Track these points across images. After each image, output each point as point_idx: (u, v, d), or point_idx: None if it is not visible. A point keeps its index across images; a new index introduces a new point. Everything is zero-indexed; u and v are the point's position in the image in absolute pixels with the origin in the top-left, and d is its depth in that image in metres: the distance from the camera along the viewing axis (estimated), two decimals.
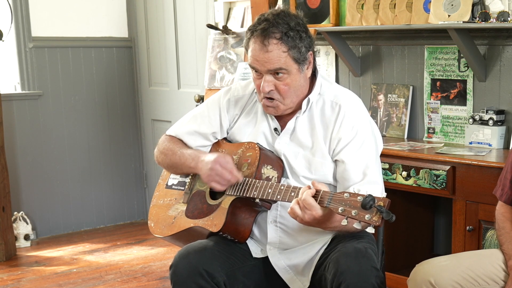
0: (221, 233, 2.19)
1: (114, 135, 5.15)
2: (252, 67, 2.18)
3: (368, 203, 1.80)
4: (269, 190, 2.09)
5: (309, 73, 2.22)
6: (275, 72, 2.14)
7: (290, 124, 2.24)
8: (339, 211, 1.88)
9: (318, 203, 1.93)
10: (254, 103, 2.33)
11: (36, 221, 4.82)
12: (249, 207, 2.20)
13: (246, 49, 2.21)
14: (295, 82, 2.17)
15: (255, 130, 2.29)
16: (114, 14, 5.08)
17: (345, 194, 1.89)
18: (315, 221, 1.96)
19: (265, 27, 2.12)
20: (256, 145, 2.22)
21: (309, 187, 1.98)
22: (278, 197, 2.07)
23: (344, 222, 1.87)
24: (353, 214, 1.85)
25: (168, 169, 2.41)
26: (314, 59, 2.24)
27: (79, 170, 5.00)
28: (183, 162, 2.29)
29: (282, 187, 2.07)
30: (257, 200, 2.13)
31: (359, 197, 1.85)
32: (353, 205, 1.86)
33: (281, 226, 2.22)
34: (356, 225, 1.86)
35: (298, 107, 2.24)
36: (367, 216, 1.82)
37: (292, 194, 2.03)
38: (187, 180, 2.39)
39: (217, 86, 4.08)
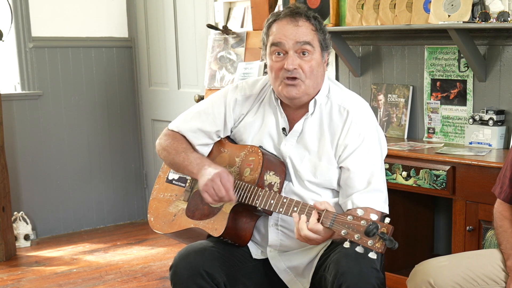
0: (221, 237, 2.18)
1: (114, 135, 5.15)
2: (277, 44, 2.13)
3: (371, 230, 1.79)
4: (272, 201, 2.07)
5: (325, 69, 2.21)
6: (301, 52, 2.12)
7: (298, 126, 2.21)
8: (342, 233, 1.87)
9: (321, 223, 1.92)
10: (261, 102, 2.29)
11: (36, 221, 4.82)
12: (250, 212, 2.19)
13: (267, 36, 2.17)
14: (317, 67, 2.15)
15: (261, 130, 2.26)
16: (114, 14, 5.08)
17: (349, 217, 1.87)
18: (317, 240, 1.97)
19: (296, 10, 2.15)
20: (259, 150, 2.19)
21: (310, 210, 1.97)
22: (281, 210, 2.05)
23: (346, 244, 1.86)
24: (355, 238, 1.84)
25: (169, 166, 2.38)
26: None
27: (79, 170, 5.00)
28: (186, 165, 2.25)
29: (285, 200, 2.05)
30: (259, 208, 2.12)
31: (362, 221, 1.84)
32: (356, 229, 1.85)
33: (282, 229, 2.21)
34: (358, 249, 1.84)
35: (306, 109, 2.21)
36: (369, 242, 1.82)
37: (295, 209, 2.01)
38: (188, 177, 2.37)
39: (217, 86, 4.08)
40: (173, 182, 2.41)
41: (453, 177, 2.94)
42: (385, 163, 3.10)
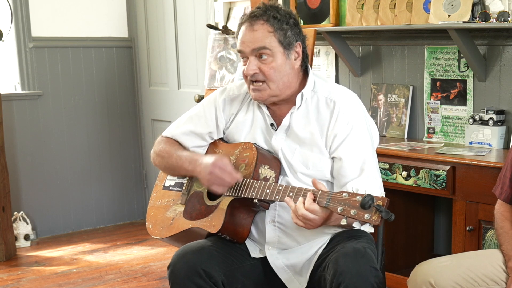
0: (219, 234, 2.19)
1: (114, 135, 5.15)
2: (239, 51, 2.20)
3: (367, 202, 1.80)
4: (267, 191, 2.09)
5: (297, 64, 2.21)
6: (260, 55, 2.15)
7: (285, 121, 2.24)
8: (338, 211, 1.88)
9: (317, 203, 1.93)
10: (249, 101, 2.33)
11: (36, 221, 4.82)
12: (247, 207, 2.20)
13: (237, 38, 2.23)
14: (280, 68, 2.17)
15: (253, 128, 2.30)
16: (114, 14, 5.08)
17: (344, 194, 1.89)
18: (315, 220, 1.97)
19: (255, 13, 2.18)
20: (253, 145, 2.22)
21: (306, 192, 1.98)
22: (277, 197, 2.07)
23: (343, 221, 1.87)
24: (352, 213, 1.85)
25: (165, 171, 2.41)
26: (305, 53, 2.24)
27: (79, 170, 5.00)
28: (180, 164, 2.28)
29: (280, 188, 2.07)
30: (255, 201, 2.13)
31: (357, 197, 1.85)
32: (352, 205, 1.86)
33: (279, 226, 2.22)
34: (356, 225, 1.86)
35: (292, 103, 2.23)
36: (366, 216, 1.83)
37: (291, 194, 2.03)
38: (184, 181, 2.39)
39: (217, 86, 4.08)
40: (170, 188, 2.43)
41: (453, 177, 2.94)
42: (385, 163, 3.13)
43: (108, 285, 3.84)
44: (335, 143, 2.16)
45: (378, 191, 2.12)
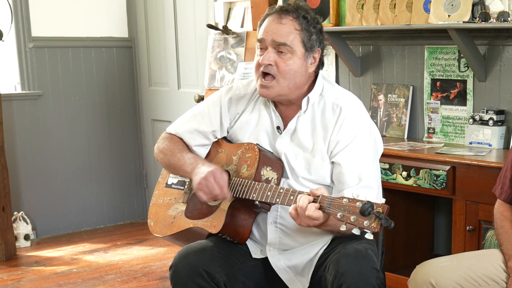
0: (220, 234, 2.19)
1: (114, 135, 5.15)
2: (259, 40, 2.17)
3: (366, 209, 1.79)
4: (268, 193, 2.09)
5: (311, 68, 2.20)
6: (280, 51, 2.14)
7: (291, 124, 2.23)
8: (338, 216, 1.87)
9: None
10: (255, 101, 2.31)
11: (36, 221, 4.82)
12: (248, 208, 2.20)
13: (258, 31, 2.21)
14: (295, 66, 2.15)
15: (257, 128, 2.28)
16: (114, 14, 5.08)
17: (344, 200, 1.88)
18: (314, 224, 1.97)
19: (286, 7, 2.16)
20: (256, 146, 2.21)
21: (308, 194, 1.97)
22: (277, 200, 2.06)
23: (343, 227, 1.87)
24: (351, 220, 1.84)
25: (166, 168, 2.41)
26: (321, 61, 2.23)
27: (79, 170, 5.00)
28: (181, 165, 2.28)
29: (281, 190, 2.06)
30: (257, 202, 2.13)
31: (358, 203, 1.84)
32: (352, 211, 1.85)
33: (281, 227, 2.22)
34: (355, 231, 1.84)
35: (298, 107, 2.23)
36: (365, 223, 1.82)
37: (291, 197, 2.02)
38: (187, 180, 2.39)
39: (217, 86, 4.08)
40: (172, 186, 2.43)
41: (453, 177, 2.94)
42: (385, 163, 3.13)
43: (108, 285, 3.84)
44: (336, 148, 2.15)
45: (374, 201, 2.12)
